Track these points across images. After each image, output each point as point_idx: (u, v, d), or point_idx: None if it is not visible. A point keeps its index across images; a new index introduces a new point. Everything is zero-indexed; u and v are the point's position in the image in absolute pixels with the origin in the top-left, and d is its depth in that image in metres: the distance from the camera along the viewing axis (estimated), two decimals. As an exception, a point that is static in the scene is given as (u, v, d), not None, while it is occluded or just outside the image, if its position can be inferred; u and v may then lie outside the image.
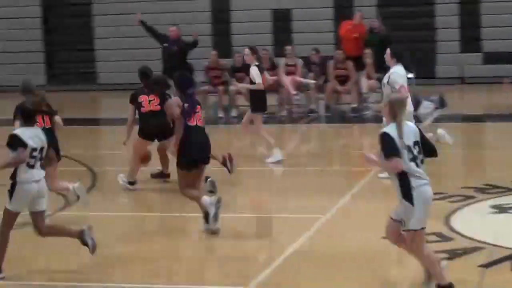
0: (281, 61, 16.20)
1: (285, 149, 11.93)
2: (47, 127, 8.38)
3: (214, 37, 19.81)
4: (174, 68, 14.13)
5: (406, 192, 6.01)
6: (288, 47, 16.39)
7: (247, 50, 11.57)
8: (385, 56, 9.97)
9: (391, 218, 6.14)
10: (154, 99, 9.95)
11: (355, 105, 15.73)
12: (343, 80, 15.82)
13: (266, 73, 11.76)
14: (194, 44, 15.43)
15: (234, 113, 15.99)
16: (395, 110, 6.11)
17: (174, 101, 8.26)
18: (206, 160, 8.21)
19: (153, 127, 9.75)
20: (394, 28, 17.24)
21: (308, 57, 16.34)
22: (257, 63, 11.40)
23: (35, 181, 6.66)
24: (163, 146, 10.10)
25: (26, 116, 6.83)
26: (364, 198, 9.53)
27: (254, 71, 11.32)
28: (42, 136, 6.76)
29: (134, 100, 10.07)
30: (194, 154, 8.11)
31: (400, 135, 5.98)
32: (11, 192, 6.63)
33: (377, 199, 9.35)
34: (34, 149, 6.63)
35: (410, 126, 6.14)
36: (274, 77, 15.26)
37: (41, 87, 14.63)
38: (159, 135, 9.89)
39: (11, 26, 20.25)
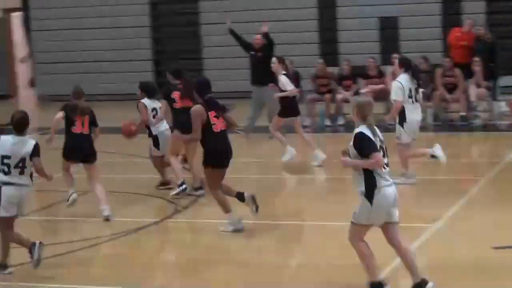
0: (388, 69, 16.21)
1: (395, 157, 12.01)
2: (84, 132, 9.60)
3: (321, 45, 19.98)
4: (258, 75, 14.64)
5: (370, 192, 6.35)
6: (395, 55, 16.37)
7: (274, 59, 12.37)
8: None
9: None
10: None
11: (463, 114, 15.57)
12: (451, 88, 15.70)
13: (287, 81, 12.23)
14: (270, 44, 15.12)
15: (340, 121, 16.11)
16: (364, 112, 6.44)
17: (199, 111, 8.78)
18: (227, 164, 8.77)
19: (184, 121, 9.82)
20: (503, 36, 16.99)
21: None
22: (284, 72, 12.22)
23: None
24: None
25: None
26: (475, 208, 9.48)
27: (283, 79, 12.20)
28: (17, 146, 7.44)
29: (167, 97, 10.56)
30: (218, 160, 8.65)
31: (374, 135, 6.39)
32: None
33: (488, 208, 9.34)
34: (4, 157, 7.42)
35: (377, 129, 6.53)
36: (381, 85, 15.45)
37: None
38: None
39: (121, 35, 21.06)
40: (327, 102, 16.26)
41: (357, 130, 6.45)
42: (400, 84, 10.38)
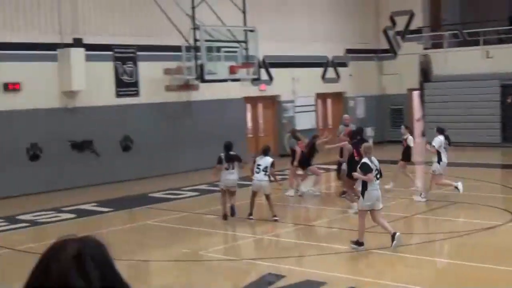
0: None
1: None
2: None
3: None
4: None
5: (363, 191, 12.05)
6: None
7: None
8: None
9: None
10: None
11: None
12: None
13: None
14: None
15: None
16: (366, 152, 12.39)
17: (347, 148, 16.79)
18: None
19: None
20: None
21: None
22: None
23: None
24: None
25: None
26: None
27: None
28: None
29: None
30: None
31: (372, 163, 12.22)
32: None
33: None
34: None
35: (375, 159, 12.22)
36: None
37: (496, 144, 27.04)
38: None
39: (480, 105, 33.38)
40: None
41: (363, 160, 12.30)
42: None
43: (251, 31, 26.20)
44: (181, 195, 21.17)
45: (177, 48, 25.24)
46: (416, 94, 36.64)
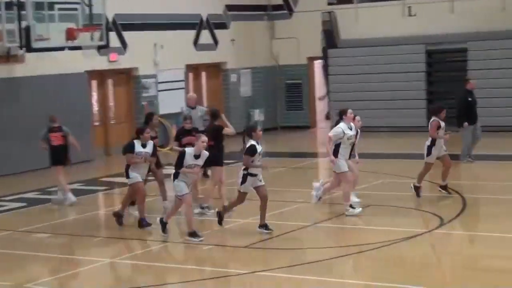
0: None
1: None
2: None
3: None
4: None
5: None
6: None
7: None
8: None
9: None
10: None
11: None
12: None
13: None
14: None
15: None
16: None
17: None
18: None
19: None
20: None
21: None
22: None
23: None
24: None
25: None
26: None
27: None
28: None
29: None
30: None
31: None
32: None
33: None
34: None
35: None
36: None
37: (422, 128, 27.61)
38: None
39: (397, 78, 33.62)
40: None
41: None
42: None
43: (95, -20, 25.85)
44: (0, 208, 20.72)
45: (-8, 5, 24.58)
46: (318, 65, 37.00)
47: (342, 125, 17.72)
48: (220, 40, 34.75)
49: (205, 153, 15.97)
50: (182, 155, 15.78)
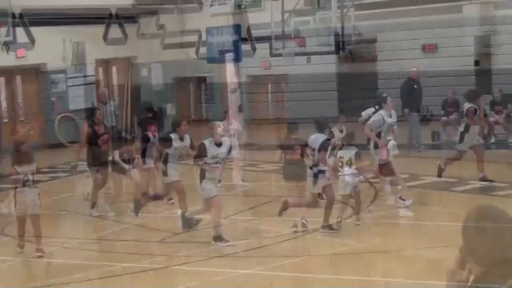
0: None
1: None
2: None
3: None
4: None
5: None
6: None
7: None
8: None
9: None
10: None
11: None
12: None
13: None
14: None
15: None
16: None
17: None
18: None
19: None
20: None
21: None
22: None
23: None
24: None
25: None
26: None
27: None
28: None
29: None
30: None
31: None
32: None
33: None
34: None
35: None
36: None
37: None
38: None
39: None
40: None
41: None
42: None
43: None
44: None
45: None
46: (229, 56, 36.93)
47: (382, 113, 17.64)
48: (130, 34, 34.42)
49: (227, 140, 15.29)
50: (202, 146, 14.71)
